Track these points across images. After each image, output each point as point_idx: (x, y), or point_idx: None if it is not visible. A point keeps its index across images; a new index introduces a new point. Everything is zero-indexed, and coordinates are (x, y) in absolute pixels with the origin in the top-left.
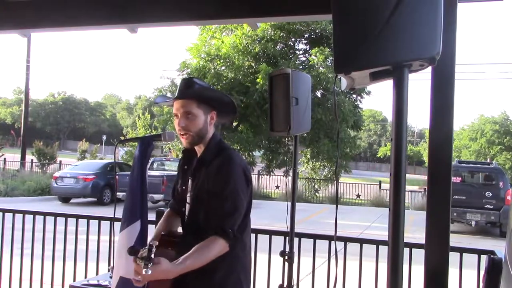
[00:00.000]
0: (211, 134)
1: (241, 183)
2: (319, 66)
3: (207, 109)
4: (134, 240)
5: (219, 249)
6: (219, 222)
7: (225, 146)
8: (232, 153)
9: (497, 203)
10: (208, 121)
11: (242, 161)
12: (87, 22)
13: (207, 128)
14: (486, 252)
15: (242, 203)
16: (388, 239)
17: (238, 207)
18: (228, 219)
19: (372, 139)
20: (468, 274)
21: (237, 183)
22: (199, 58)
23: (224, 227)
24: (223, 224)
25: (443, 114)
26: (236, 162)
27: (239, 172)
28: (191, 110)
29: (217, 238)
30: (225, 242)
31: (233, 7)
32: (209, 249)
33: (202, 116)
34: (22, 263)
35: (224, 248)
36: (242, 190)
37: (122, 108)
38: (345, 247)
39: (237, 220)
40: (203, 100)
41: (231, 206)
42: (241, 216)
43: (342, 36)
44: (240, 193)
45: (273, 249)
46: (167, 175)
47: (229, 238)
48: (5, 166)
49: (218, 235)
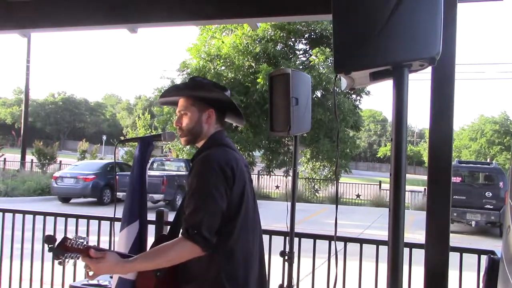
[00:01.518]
0: (210, 133)
1: (212, 182)
2: (320, 66)
3: (203, 107)
4: (133, 240)
5: (182, 250)
6: (184, 222)
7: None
8: (212, 152)
9: (497, 203)
10: (203, 120)
11: (223, 158)
12: (87, 22)
13: (202, 127)
14: (486, 252)
15: (212, 203)
16: (388, 239)
17: (205, 207)
18: (193, 220)
19: (372, 139)
20: (468, 274)
21: (207, 182)
22: (199, 58)
23: (188, 227)
24: (186, 225)
25: (443, 114)
26: (211, 160)
27: (212, 170)
28: (185, 108)
29: (181, 239)
30: (191, 244)
31: (233, 7)
32: (169, 249)
33: (195, 114)
34: (22, 263)
35: (191, 250)
36: (215, 189)
37: (122, 108)
38: (345, 247)
39: (204, 220)
40: (197, 98)
41: (196, 206)
42: (214, 217)
43: (342, 36)
44: (210, 192)
45: (273, 249)
46: (167, 175)
47: (195, 240)
48: (5, 166)
49: (183, 236)
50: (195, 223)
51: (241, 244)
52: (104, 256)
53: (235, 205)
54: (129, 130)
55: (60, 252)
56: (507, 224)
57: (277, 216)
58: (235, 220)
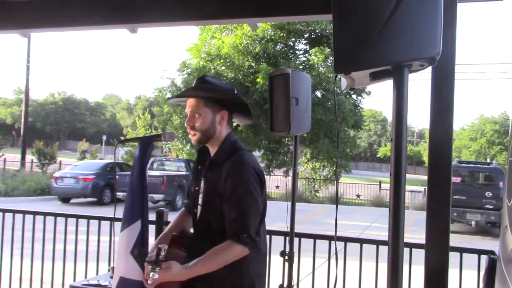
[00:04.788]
0: (224, 134)
1: (252, 184)
2: (319, 66)
3: (216, 108)
4: (134, 241)
5: (234, 254)
6: (232, 226)
7: (238, 147)
8: (244, 154)
9: (497, 203)
10: (217, 121)
11: (255, 162)
12: (87, 22)
13: (216, 128)
14: (486, 252)
15: (255, 205)
16: (388, 239)
17: (251, 209)
18: (242, 223)
19: (372, 139)
20: (468, 274)
21: (249, 184)
22: (199, 58)
23: (237, 231)
24: (236, 228)
25: (443, 114)
26: (247, 163)
27: (250, 173)
28: (198, 109)
29: (232, 243)
30: (242, 247)
31: (233, 7)
32: (222, 254)
33: (209, 115)
34: (22, 263)
35: (241, 252)
36: (255, 191)
37: (122, 108)
38: (345, 247)
39: (251, 222)
40: (211, 99)
41: (243, 209)
42: (256, 218)
43: (342, 36)
44: (253, 194)
45: (273, 249)
46: (167, 175)
47: (245, 242)
48: (5, 166)
49: (233, 240)
50: (244, 227)
51: (264, 243)
52: (170, 266)
53: (263, 208)
54: (129, 130)
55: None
56: (505, 224)
57: (277, 216)
58: (263, 221)
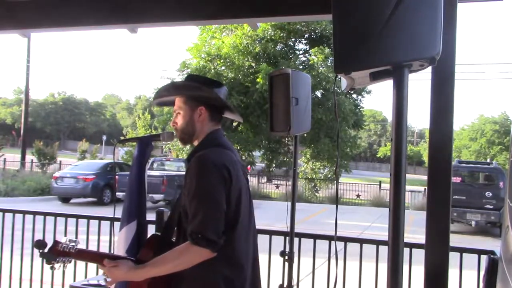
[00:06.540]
0: (206, 131)
1: (211, 182)
2: (319, 66)
3: (194, 105)
4: (130, 240)
5: (192, 256)
6: (189, 226)
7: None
8: (212, 150)
9: (497, 203)
10: (195, 118)
11: (219, 158)
12: (87, 22)
13: (195, 125)
14: (486, 252)
15: (214, 205)
16: (388, 239)
17: (208, 209)
18: (196, 224)
19: (372, 139)
20: (468, 274)
21: (206, 182)
22: (199, 58)
23: (192, 232)
24: (192, 229)
25: (443, 114)
26: (208, 159)
27: (208, 170)
28: (179, 107)
29: (189, 244)
30: (199, 248)
31: (233, 7)
32: (178, 255)
33: (188, 113)
34: (22, 263)
35: (200, 254)
36: (214, 189)
37: (122, 108)
38: (345, 247)
39: (207, 222)
40: (187, 96)
41: (200, 209)
42: (217, 218)
43: (342, 36)
44: (211, 192)
45: (273, 249)
46: (167, 175)
47: (201, 244)
48: (5, 166)
49: (190, 242)
50: (199, 227)
51: (239, 249)
52: (117, 264)
53: (233, 210)
54: (129, 130)
55: (51, 256)
56: (506, 224)
57: (277, 216)
58: (233, 225)
